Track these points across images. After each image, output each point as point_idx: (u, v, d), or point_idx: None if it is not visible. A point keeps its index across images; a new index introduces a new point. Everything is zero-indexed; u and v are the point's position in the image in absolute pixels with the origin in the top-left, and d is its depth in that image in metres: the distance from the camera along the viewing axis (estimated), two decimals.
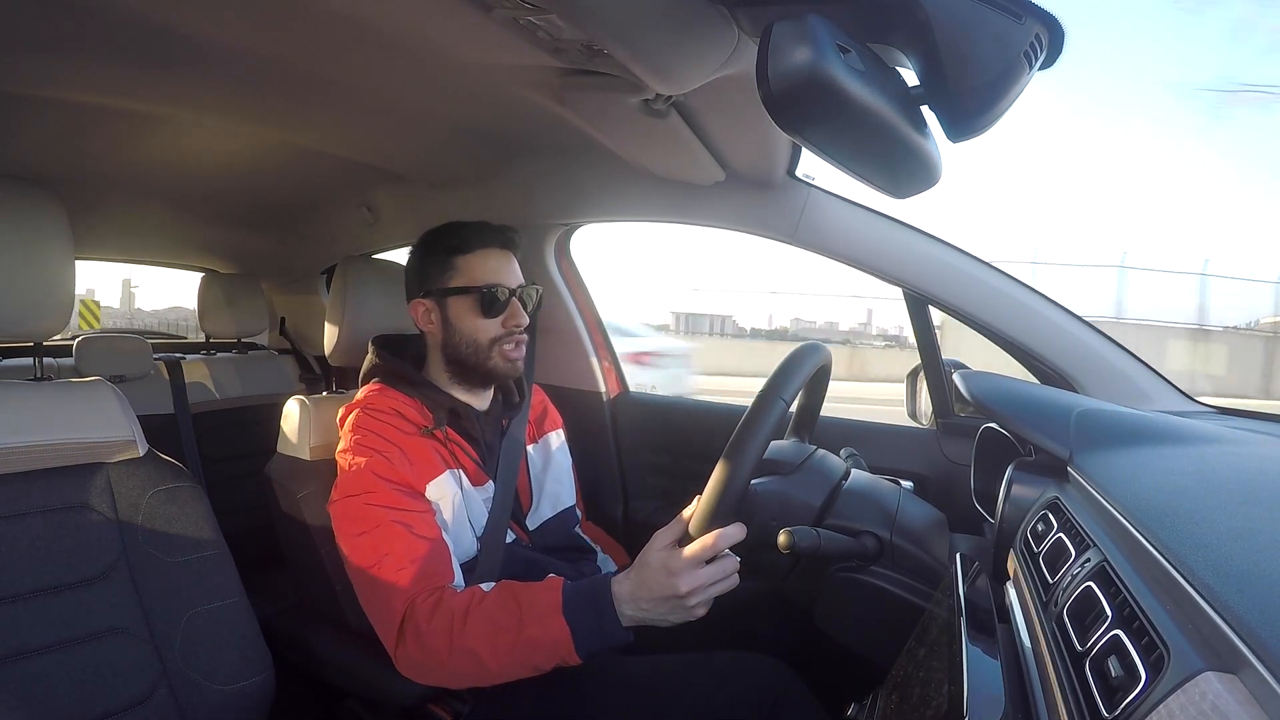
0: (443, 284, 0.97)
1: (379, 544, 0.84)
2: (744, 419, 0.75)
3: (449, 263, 0.97)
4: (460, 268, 0.97)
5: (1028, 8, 0.47)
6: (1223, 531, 0.41)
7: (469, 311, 0.96)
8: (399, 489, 0.87)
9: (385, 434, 0.90)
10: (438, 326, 0.98)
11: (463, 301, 0.96)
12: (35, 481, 0.78)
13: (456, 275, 0.97)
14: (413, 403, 0.96)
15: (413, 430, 0.93)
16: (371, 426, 0.91)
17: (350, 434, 0.92)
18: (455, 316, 0.97)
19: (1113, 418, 0.75)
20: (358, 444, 0.90)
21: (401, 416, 0.93)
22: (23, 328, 0.79)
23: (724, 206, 1.20)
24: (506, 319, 0.97)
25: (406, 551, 0.83)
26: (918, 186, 0.62)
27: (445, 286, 0.97)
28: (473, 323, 0.96)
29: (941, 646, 0.54)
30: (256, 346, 2.17)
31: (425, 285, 0.99)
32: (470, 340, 0.97)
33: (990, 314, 1.07)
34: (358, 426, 0.92)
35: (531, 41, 0.68)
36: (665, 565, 0.74)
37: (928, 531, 0.85)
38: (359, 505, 0.86)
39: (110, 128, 1.10)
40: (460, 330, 0.97)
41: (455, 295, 0.96)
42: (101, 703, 0.74)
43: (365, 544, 0.85)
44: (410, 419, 0.94)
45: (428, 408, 0.96)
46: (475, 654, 0.77)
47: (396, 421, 0.92)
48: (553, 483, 1.09)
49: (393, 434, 0.91)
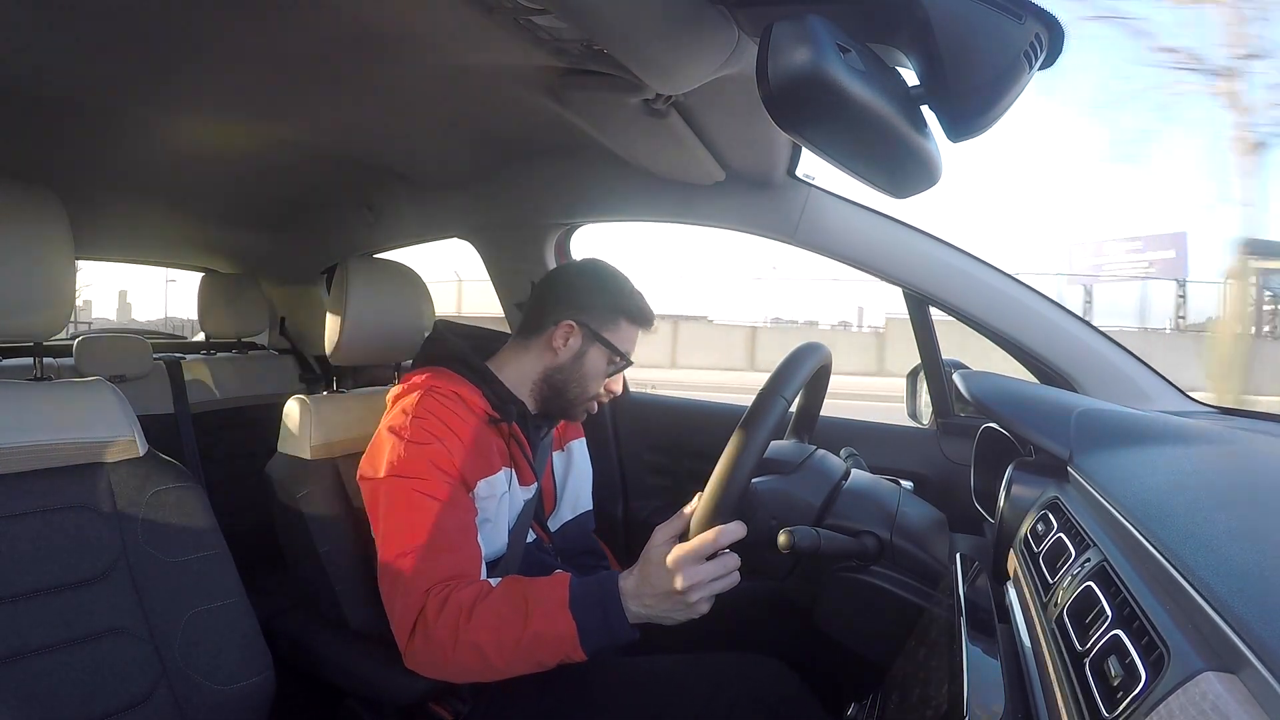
0: (599, 329, 0.99)
1: (417, 534, 0.83)
2: (745, 417, 0.75)
3: (616, 320, 1.00)
4: (623, 329, 1.01)
5: (1028, 8, 0.47)
6: (1223, 531, 0.41)
7: (601, 364, 1.00)
8: (451, 482, 0.87)
9: (449, 421, 0.90)
10: (568, 353, 0.99)
11: (602, 354, 1.00)
12: (35, 481, 0.78)
13: (614, 332, 1.00)
14: (477, 391, 0.96)
15: (474, 420, 0.92)
16: (436, 410, 0.90)
17: (412, 414, 0.89)
18: (589, 359, 1.00)
19: (1113, 418, 0.75)
20: (420, 426, 0.88)
21: (464, 404, 0.93)
22: (23, 328, 0.79)
23: (724, 206, 1.20)
24: (611, 383, 1.04)
25: (442, 547, 0.83)
26: (918, 186, 0.62)
27: (599, 333, 0.99)
28: (597, 375, 1.00)
29: (941, 646, 0.54)
30: (256, 346, 2.17)
31: (583, 317, 0.99)
32: (582, 384, 1.00)
33: (990, 314, 1.07)
34: (422, 407, 0.90)
35: (531, 41, 0.68)
36: (666, 561, 0.74)
37: (928, 531, 0.85)
38: (407, 489, 0.85)
39: (110, 128, 1.10)
40: (582, 371, 0.99)
41: (603, 346, 1.00)
42: (101, 703, 0.74)
43: (404, 529, 0.84)
44: (473, 407, 0.94)
45: (491, 400, 0.96)
46: (480, 648, 0.77)
47: (459, 409, 0.92)
48: (574, 487, 1.11)
49: (456, 422, 0.90)
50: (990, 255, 1.07)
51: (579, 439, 1.18)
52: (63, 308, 0.80)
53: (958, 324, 1.11)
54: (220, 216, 1.80)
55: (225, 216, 1.81)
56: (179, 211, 1.73)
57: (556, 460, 1.12)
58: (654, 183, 1.21)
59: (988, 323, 1.07)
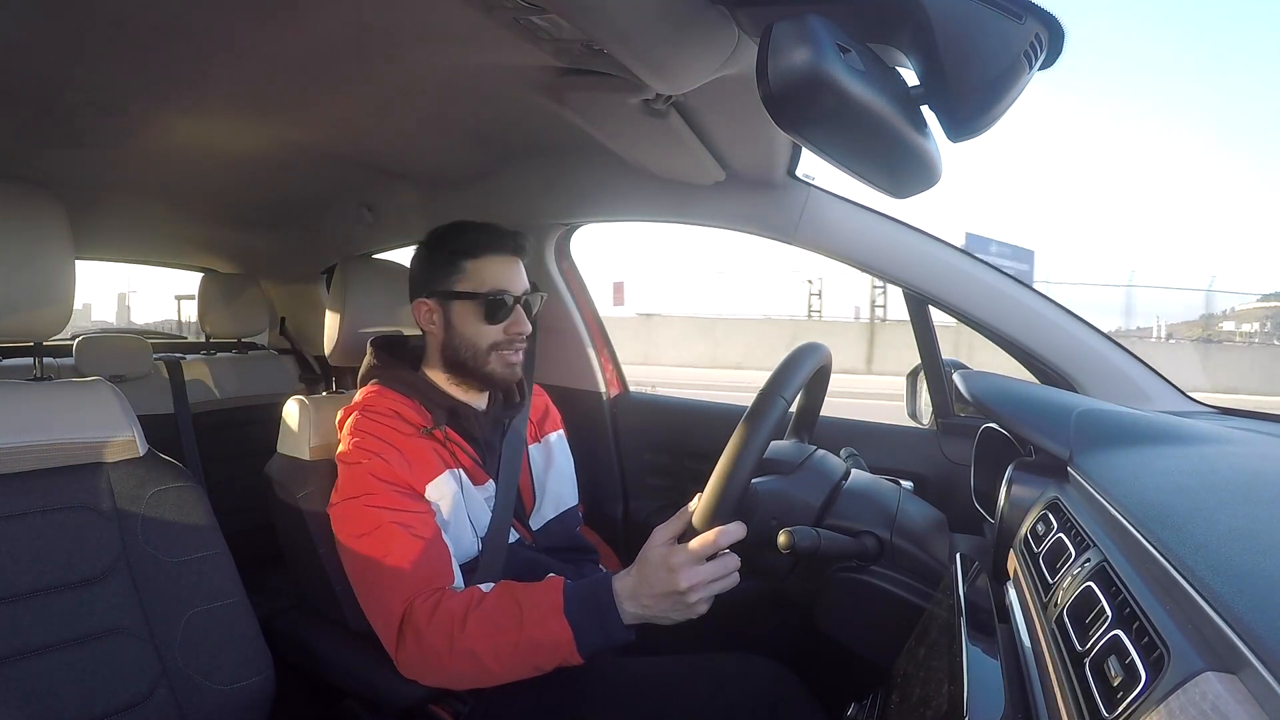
0: (447, 286, 0.96)
1: (377, 546, 0.84)
2: (745, 417, 0.75)
3: (456, 265, 0.96)
4: (467, 271, 0.96)
5: (1028, 8, 0.47)
6: (1223, 531, 0.41)
7: (472, 316, 0.95)
8: (398, 490, 0.87)
9: (383, 435, 0.90)
10: (439, 328, 0.98)
11: (467, 306, 0.95)
12: (35, 481, 0.78)
13: (463, 279, 0.96)
14: (411, 403, 0.96)
15: (411, 431, 0.93)
16: (369, 429, 0.91)
17: (349, 436, 0.91)
18: (458, 320, 0.96)
19: (1113, 418, 0.75)
20: (356, 446, 0.90)
21: (400, 417, 0.93)
22: (23, 328, 0.79)
23: (724, 206, 1.20)
24: (509, 326, 0.96)
25: (405, 553, 0.83)
26: (918, 186, 0.62)
27: (450, 289, 0.96)
28: (475, 328, 0.95)
29: (941, 646, 0.54)
30: (256, 346, 2.17)
31: (429, 286, 0.98)
32: (470, 344, 0.96)
33: (990, 314, 1.07)
34: (356, 429, 0.91)
35: (531, 41, 0.68)
36: (665, 561, 0.74)
37: (928, 531, 0.85)
38: (358, 507, 0.86)
39: (110, 128, 1.10)
40: (461, 334, 0.96)
41: (460, 299, 0.95)
42: (101, 703, 0.74)
43: (364, 546, 0.85)
44: (409, 420, 0.94)
45: (426, 408, 0.96)
46: (476, 655, 0.77)
47: (394, 423, 0.92)
48: (555, 483, 1.08)
49: (391, 435, 0.91)
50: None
51: (557, 431, 1.15)
52: (63, 308, 0.80)
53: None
54: (220, 216, 1.80)
55: (225, 216, 1.81)
56: (179, 211, 1.73)
57: (534, 455, 1.08)
58: (654, 183, 1.21)
59: (988, 323, 1.07)
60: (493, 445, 1.01)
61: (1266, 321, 13.82)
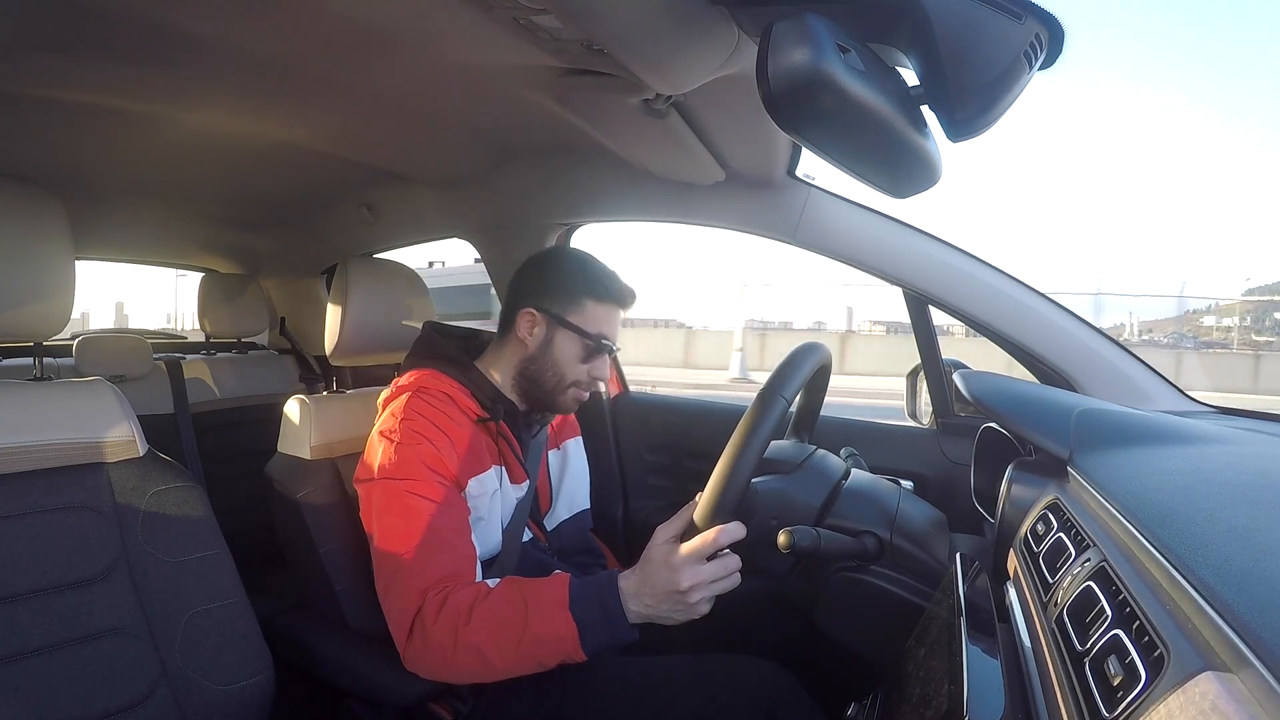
0: (563, 313, 0.97)
1: (411, 536, 0.83)
2: (745, 417, 0.75)
3: (578, 299, 0.97)
4: (589, 310, 0.97)
5: (1028, 8, 0.47)
6: (1223, 531, 0.41)
7: (572, 350, 0.97)
8: (442, 481, 0.87)
9: (437, 420, 0.90)
10: (535, 342, 0.98)
11: (572, 339, 0.97)
12: (35, 481, 0.78)
13: (579, 314, 0.97)
14: (464, 390, 0.96)
15: (463, 419, 0.93)
16: (424, 411, 0.90)
17: (400, 415, 0.90)
18: (558, 346, 0.97)
19: (1113, 418, 0.75)
20: (409, 428, 0.88)
21: (453, 402, 0.93)
22: (23, 328, 0.79)
23: (724, 206, 1.20)
24: (594, 369, 0.99)
25: (436, 547, 0.83)
26: (918, 186, 0.62)
27: (564, 316, 0.97)
28: (569, 361, 0.97)
29: (941, 646, 0.54)
30: (256, 346, 2.17)
31: (544, 302, 0.98)
32: (557, 372, 0.97)
33: (990, 314, 1.07)
34: (409, 409, 0.90)
35: (531, 41, 0.68)
36: (667, 560, 0.74)
37: (928, 531, 0.85)
38: (399, 490, 0.85)
39: (110, 128, 1.10)
40: (555, 359, 0.97)
41: (569, 330, 0.97)
42: (101, 703, 0.74)
43: (397, 532, 0.84)
44: (462, 406, 0.94)
45: (478, 399, 0.96)
46: (480, 650, 0.77)
47: (448, 408, 0.92)
48: (569, 486, 1.10)
49: (445, 422, 0.90)
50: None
51: (575, 438, 1.17)
52: (63, 307, 0.80)
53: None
54: (220, 216, 1.81)
55: (225, 216, 1.81)
56: (179, 211, 1.73)
57: (552, 459, 1.11)
58: (654, 183, 1.21)
59: (988, 323, 1.07)
60: (526, 446, 1.02)
61: (1247, 316, 13.60)
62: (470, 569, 0.86)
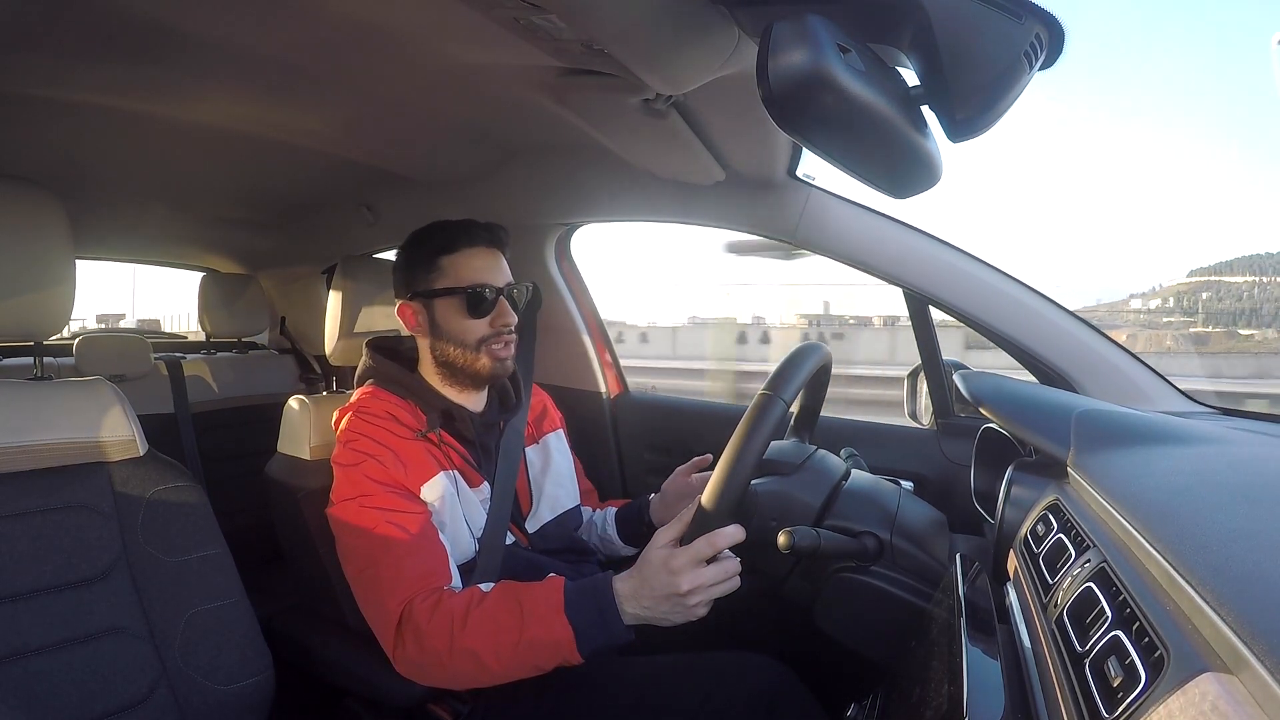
0: (429, 285, 0.96)
1: (374, 546, 0.84)
2: (744, 418, 0.75)
3: (435, 263, 0.96)
4: (446, 268, 0.96)
5: (1028, 8, 0.47)
6: (1223, 531, 0.41)
7: (455, 312, 0.95)
8: (393, 491, 0.87)
9: (378, 437, 0.90)
10: (425, 328, 0.97)
11: (449, 302, 0.95)
12: (35, 481, 0.78)
13: (442, 276, 0.96)
14: (406, 405, 0.95)
15: (406, 433, 0.92)
16: (365, 430, 0.91)
17: (344, 438, 0.91)
18: (442, 318, 0.96)
19: (1113, 418, 0.75)
20: (351, 448, 0.90)
21: (395, 419, 0.93)
22: (23, 327, 0.79)
23: (724, 206, 1.20)
24: (494, 319, 0.95)
25: (402, 553, 0.83)
26: (918, 186, 0.62)
27: (431, 288, 0.96)
28: (460, 324, 0.95)
29: (941, 646, 0.54)
30: (257, 346, 2.17)
31: (412, 287, 0.98)
32: (458, 341, 0.95)
33: (990, 314, 1.07)
34: (351, 430, 0.91)
35: (531, 41, 0.68)
36: (666, 563, 0.74)
37: (928, 532, 0.85)
38: (354, 508, 0.86)
39: (110, 127, 1.10)
40: (447, 331, 0.96)
41: (441, 296, 0.95)
42: (101, 702, 0.74)
43: (361, 546, 0.85)
44: (404, 421, 0.93)
45: (421, 410, 0.95)
46: (476, 654, 0.77)
47: (389, 425, 0.92)
48: (552, 485, 1.07)
49: (386, 437, 0.90)
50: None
51: (555, 431, 1.14)
52: (63, 307, 0.80)
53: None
54: (221, 216, 1.81)
55: (226, 216, 1.81)
56: (179, 211, 1.73)
57: (531, 456, 1.07)
58: (654, 183, 1.21)
59: (988, 323, 1.07)
60: (488, 447, 1.00)
61: (1184, 298, 12.52)
62: (444, 567, 0.86)
